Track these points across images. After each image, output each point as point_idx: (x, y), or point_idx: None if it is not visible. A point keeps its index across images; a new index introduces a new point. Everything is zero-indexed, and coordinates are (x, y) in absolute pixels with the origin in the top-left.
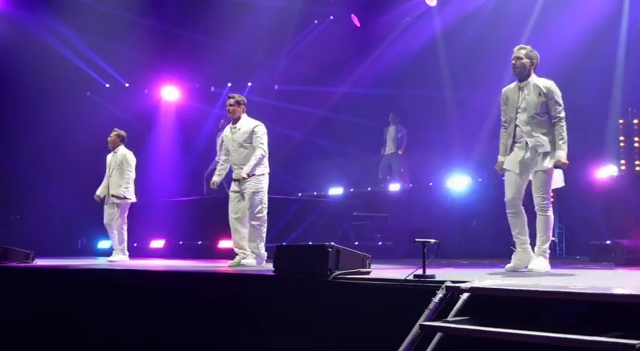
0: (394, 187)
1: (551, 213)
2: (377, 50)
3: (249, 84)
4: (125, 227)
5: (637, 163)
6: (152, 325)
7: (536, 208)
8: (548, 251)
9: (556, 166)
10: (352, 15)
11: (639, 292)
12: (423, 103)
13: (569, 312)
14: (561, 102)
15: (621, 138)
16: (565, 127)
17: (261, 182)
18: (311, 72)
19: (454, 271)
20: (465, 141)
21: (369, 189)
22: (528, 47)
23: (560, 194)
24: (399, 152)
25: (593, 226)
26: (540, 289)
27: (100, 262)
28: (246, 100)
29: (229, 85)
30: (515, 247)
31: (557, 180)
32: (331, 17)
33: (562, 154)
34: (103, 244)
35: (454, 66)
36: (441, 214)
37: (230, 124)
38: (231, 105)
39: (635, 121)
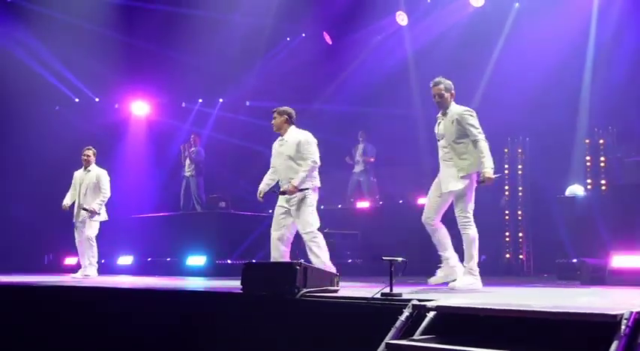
0: (364, 204)
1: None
2: (348, 68)
3: (221, 100)
4: (94, 241)
5: (602, 182)
6: (118, 344)
7: None
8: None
9: (482, 180)
10: (324, 32)
11: (602, 311)
12: (393, 121)
13: (535, 330)
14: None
15: (587, 158)
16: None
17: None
18: (282, 89)
19: (422, 289)
20: (435, 159)
21: (339, 206)
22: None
23: (529, 212)
24: (368, 166)
25: (559, 244)
26: (506, 308)
27: (66, 280)
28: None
29: (200, 100)
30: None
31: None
32: (303, 34)
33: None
34: (69, 261)
35: (424, 84)
36: (411, 231)
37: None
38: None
39: (601, 141)
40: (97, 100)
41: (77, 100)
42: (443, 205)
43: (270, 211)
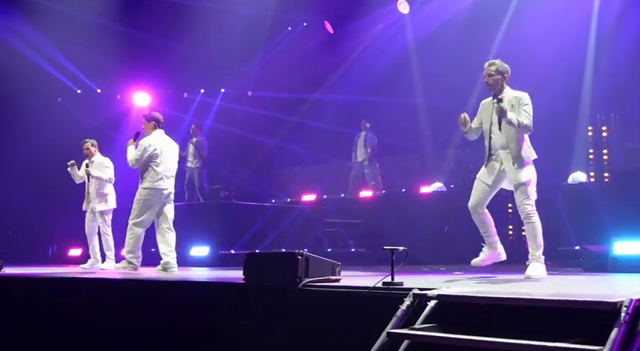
0: (367, 193)
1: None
2: (350, 57)
3: (223, 90)
4: (110, 233)
5: (605, 169)
6: (123, 335)
7: None
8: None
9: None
10: (325, 22)
11: (602, 299)
12: (395, 109)
13: (535, 318)
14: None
15: (590, 145)
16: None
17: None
18: (284, 78)
19: (424, 278)
20: (437, 147)
21: (342, 195)
22: (498, 62)
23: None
24: (369, 157)
25: (562, 231)
26: (506, 296)
27: (71, 271)
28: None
29: (202, 91)
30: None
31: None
32: (304, 24)
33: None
34: (73, 252)
35: (426, 73)
36: (413, 220)
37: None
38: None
39: (604, 128)
40: (98, 91)
41: (79, 91)
42: (493, 194)
43: (274, 200)
